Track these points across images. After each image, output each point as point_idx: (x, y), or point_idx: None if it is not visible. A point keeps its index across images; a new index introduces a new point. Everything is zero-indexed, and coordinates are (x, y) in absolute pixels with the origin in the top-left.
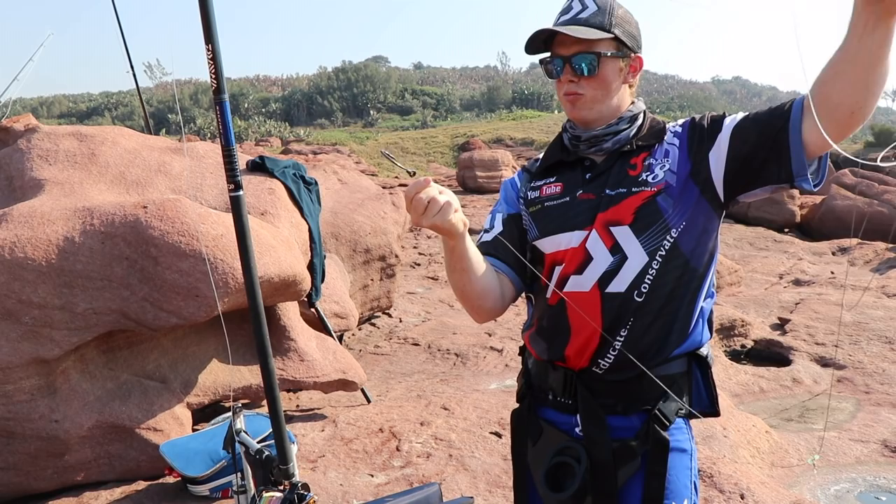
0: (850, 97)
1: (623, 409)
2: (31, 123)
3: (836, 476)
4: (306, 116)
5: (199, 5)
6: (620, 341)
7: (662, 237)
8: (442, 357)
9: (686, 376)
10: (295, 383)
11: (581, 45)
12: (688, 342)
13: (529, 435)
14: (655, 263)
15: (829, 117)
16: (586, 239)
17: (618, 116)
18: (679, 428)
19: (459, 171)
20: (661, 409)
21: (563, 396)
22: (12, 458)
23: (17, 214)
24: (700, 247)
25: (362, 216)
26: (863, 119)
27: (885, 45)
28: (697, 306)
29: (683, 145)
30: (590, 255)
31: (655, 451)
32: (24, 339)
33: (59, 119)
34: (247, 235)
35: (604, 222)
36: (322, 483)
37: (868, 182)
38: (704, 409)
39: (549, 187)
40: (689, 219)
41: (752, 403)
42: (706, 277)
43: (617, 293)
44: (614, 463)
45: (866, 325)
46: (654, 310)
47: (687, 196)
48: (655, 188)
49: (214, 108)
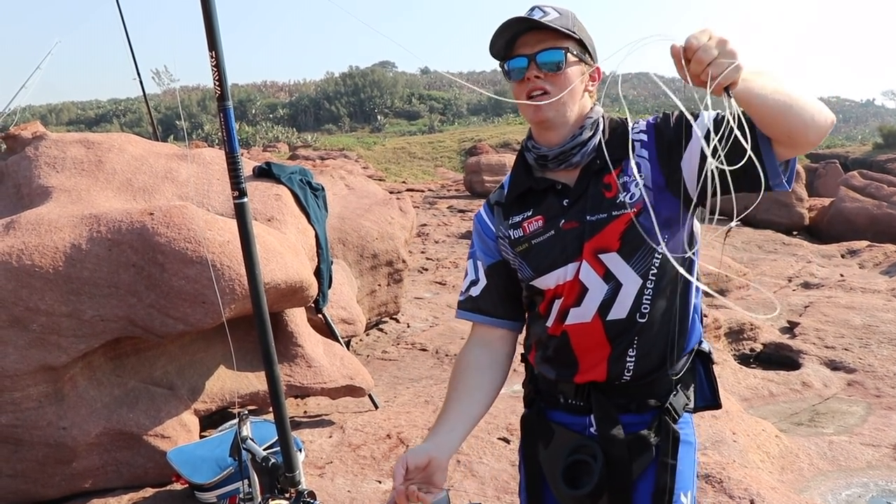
0: (772, 131)
1: (637, 407)
2: (39, 131)
3: (848, 481)
4: (314, 122)
5: (203, 14)
6: (632, 361)
7: (651, 257)
8: (450, 362)
9: (691, 372)
10: (302, 389)
11: (547, 42)
12: (691, 340)
13: (540, 438)
14: (650, 283)
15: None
16: (578, 270)
17: (580, 125)
18: (686, 422)
19: (467, 176)
20: (672, 404)
21: (574, 399)
22: (20, 465)
23: (24, 222)
24: (684, 249)
25: (369, 221)
26: (803, 137)
27: (751, 104)
28: (691, 304)
29: (653, 157)
30: (584, 286)
31: (667, 444)
32: (31, 346)
33: (68, 126)
34: (251, 242)
35: (592, 251)
36: (330, 489)
37: (877, 184)
38: (707, 403)
39: (531, 223)
40: (671, 231)
41: (762, 407)
42: (692, 272)
43: (619, 320)
44: (629, 457)
45: (876, 328)
46: (657, 323)
47: (664, 208)
48: (635, 209)
49: (218, 115)
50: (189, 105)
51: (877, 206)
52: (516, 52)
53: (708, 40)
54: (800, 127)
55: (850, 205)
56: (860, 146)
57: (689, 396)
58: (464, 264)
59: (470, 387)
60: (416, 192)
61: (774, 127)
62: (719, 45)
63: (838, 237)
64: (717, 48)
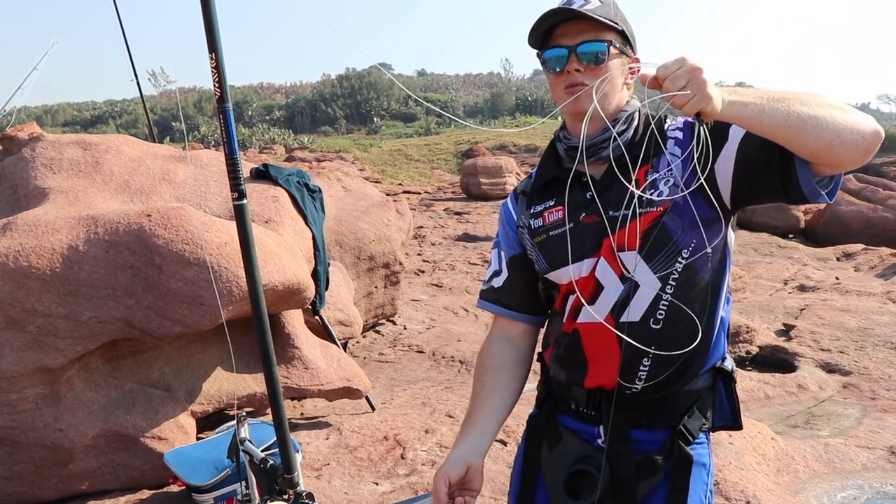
0: (795, 151)
1: (648, 423)
2: (36, 132)
3: (843, 483)
4: (310, 124)
5: (203, 16)
6: (645, 370)
7: (674, 260)
8: (446, 364)
9: (710, 391)
10: (299, 391)
11: (588, 33)
12: (712, 357)
13: (547, 440)
14: (669, 288)
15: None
16: (595, 267)
17: (614, 118)
18: (701, 443)
19: (463, 178)
20: (686, 426)
21: (586, 407)
22: (17, 467)
23: (21, 223)
24: (713, 261)
25: (366, 223)
26: (829, 157)
27: (752, 128)
28: (717, 318)
29: (687, 157)
30: (600, 283)
31: (679, 467)
32: (28, 347)
33: (64, 127)
34: (250, 244)
35: (611, 248)
36: (327, 491)
37: (873, 187)
38: (727, 423)
39: (551, 213)
40: (698, 236)
41: (758, 410)
42: (722, 288)
43: (632, 323)
44: (637, 476)
45: (871, 331)
46: (675, 333)
47: (694, 210)
48: (661, 207)
49: (218, 117)
50: (185, 107)
51: (872, 209)
52: (556, 42)
53: (678, 70)
54: (821, 147)
55: (846, 208)
56: None
57: (707, 416)
58: (461, 266)
59: (497, 385)
60: (413, 194)
61: (792, 149)
62: (688, 73)
63: (834, 240)
64: (685, 77)
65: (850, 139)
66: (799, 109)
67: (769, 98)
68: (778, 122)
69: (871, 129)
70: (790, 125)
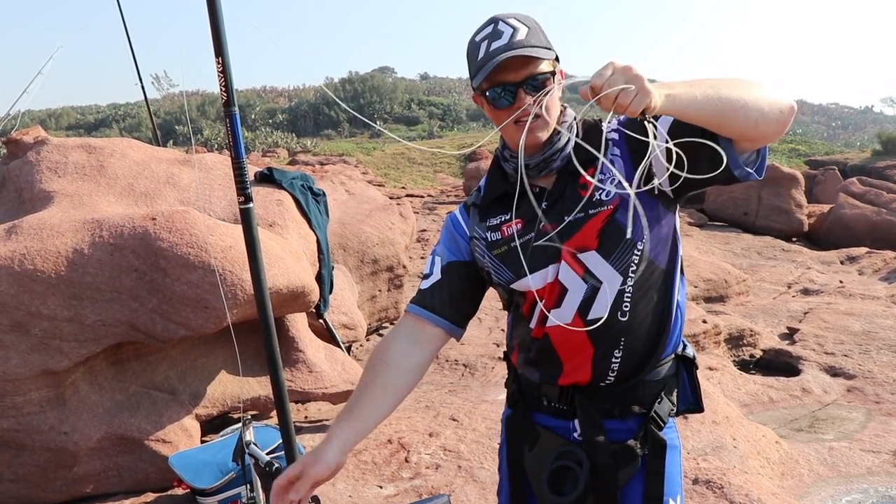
0: (724, 134)
1: (620, 412)
2: (41, 136)
3: (848, 487)
4: (313, 127)
5: (210, 20)
6: (617, 361)
7: (630, 254)
8: (450, 368)
9: (675, 378)
10: (303, 394)
11: (529, 66)
12: (673, 340)
13: (525, 440)
14: (630, 280)
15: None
16: (558, 271)
17: (556, 132)
18: (670, 427)
19: (466, 182)
20: (657, 412)
21: (558, 403)
22: (21, 470)
23: (26, 227)
24: (666, 248)
25: (370, 227)
26: (755, 133)
27: (688, 116)
28: (674, 301)
29: (625, 154)
30: (564, 286)
31: (654, 452)
32: (33, 351)
33: (68, 131)
34: (257, 248)
35: (571, 251)
36: (331, 495)
37: (876, 191)
38: (690, 407)
39: (510, 226)
40: (650, 227)
41: (762, 413)
42: (675, 272)
43: (599, 318)
44: (615, 465)
45: (876, 335)
46: (641, 322)
47: (643, 204)
48: (611, 206)
49: (225, 121)
50: (189, 110)
51: (876, 212)
52: (500, 79)
53: (611, 74)
54: (748, 126)
55: (850, 211)
56: (859, 153)
57: (674, 402)
58: None
59: (388, 386)
60: (416, 197)
61: (722, 131)
62: (623, 73)
63: (837, 244)
64: (621, 77)
65: (772, 116)
66: (727, 93)
67: (698, 87)
68: (710, 109)
69: (787, 104)
70: (721, 110)
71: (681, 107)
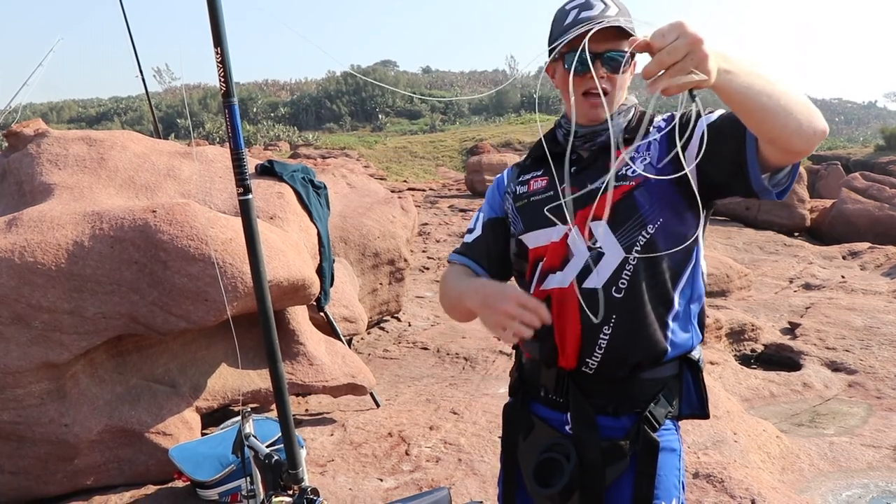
0: (756, 131)
1: (614, 409)
2: (41, 128)
3: (848, 481)
4: (315, 120)
5: (209, 10)
6: (605, 339)
7: (638, 232)
8: (451, 361)
9: (677, 379)
10: (304, 387)
11: (612, 41)
12: (679, 345)
13: (520, 429)
14: (632, 259)
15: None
16: (567, 234)
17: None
18: (668, 429)
19: (468, 175)
20: (652, 412)
21: (554, 394)
22: (22, 462)
23: (26, 219)
24: (678, 244)
25: (371, 220)
26: (787, 143)
27: (732, 100)
28: (674, 302)
29: (664, 139)
30: (570, 250)
31: (645, 453)
32: (33, 343)
33: (69, 124)
34: (256, 239)
35: (584, 217)
36: (331, 487)
37: (879, 186)
38: (694, 412)
39: (536, 181)
40: (665, 216)
41: (763, 408)
42: (683, 276)
43: (594, 289)
44: (603, 462)
45: (877, 330)
46: (636, 308)
47: (664, 191)
48: (633, 182)
49: (224, 112)
50: (190, 103)
51: (878, 207)
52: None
53: (676, 41)
54: (784, 133)
55: (852, 206)
56: (862, 148)
57: (674, 405)
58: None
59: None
60: (418, 191)
61: (757, 127)
62: (690, 45)
63: (840, 239)
64: (684, 49)
65: (808, 131)
66: (779, 91)
67: (757, 76)
68: (760, 102)
69: (821, 127)
70: (767, 106)
71: (732, 89)
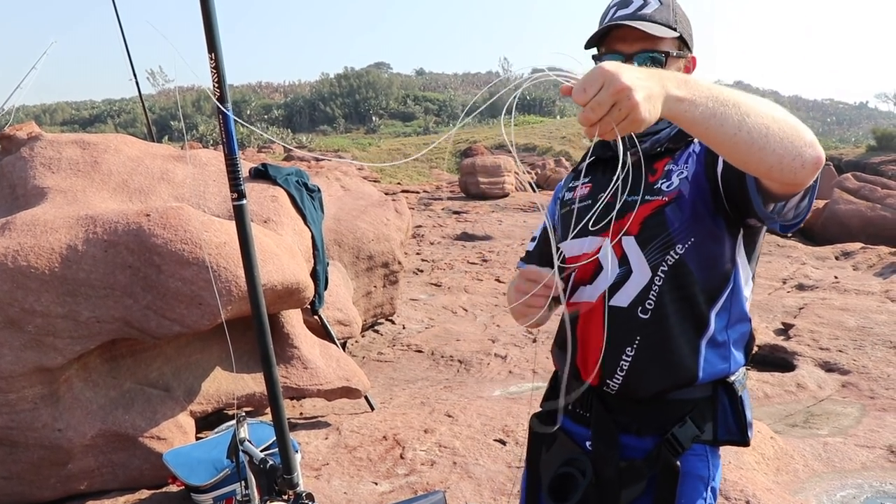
0: (737, 165)
1: (637, 429)
2: (34, 131)
3: (842, 482)
4: (308, 123)
5: (202, 15)
6: (627, 361)
7: (665, 252)
8: (445, 364)
9: (709, 402)
10: (298, 391)
11: (646, 42)
12: (713, 370)
13: (545, 441)
14: (658, 280)
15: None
16: (600, 247)
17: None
18: (697, 454)
19: (462, 177)
20: (676, 434)
21: (580, 408)
22: (15, 467)
23: (19, 223)
24: (713, 267)
25: (365, 223)
26: (767, 178)
27: (693, 133)
28: (709, 326)
29: (702, 152)
30: (600, 264)
31: (664, 477)
32: (27, 347)
33: (62, 126)
34: (250, 245)
35: (617, 231)
36: (326, 491)
37: (871, 186)
38: (734, 438)
39: (581, 189)
40: (698, 234)
41: (757, 409)
42: (720, 298)
43: (620, 307)
44: (619, 482)
45: (870, 330)
46: (662, 330)
47: (698, 208)
48: (667, 198)
49: (218, 117)
50: (184, 105)
51: (870, 208)
52: (613, 48)
53: (598, 92)
54: (762, 167)
55: (844, 207)
56: (854, 148)
57: (703, 428)
58: (459, 266)
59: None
60: (412, 193)
61: (729, 160)
62: (614, 96)
63: (832, 239)
64: (610, 100)
65: (793, 164)
66: (751, 123)
67: (723, 102)
68: (725, 133)
69: (811, 156)
70: (737, 139)
71: (689, 120)
